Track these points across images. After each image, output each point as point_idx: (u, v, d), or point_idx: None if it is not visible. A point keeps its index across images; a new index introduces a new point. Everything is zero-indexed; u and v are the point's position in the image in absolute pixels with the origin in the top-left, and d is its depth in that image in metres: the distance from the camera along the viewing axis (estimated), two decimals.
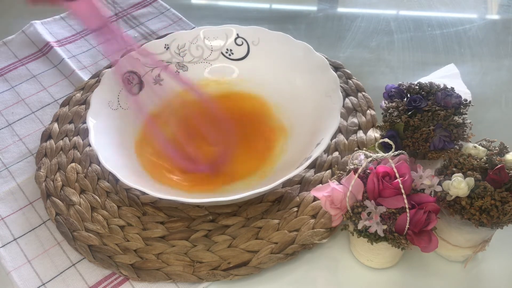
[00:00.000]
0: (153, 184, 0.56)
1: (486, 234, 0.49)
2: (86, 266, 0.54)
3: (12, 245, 0.56)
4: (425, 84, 0.55)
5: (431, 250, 0.45)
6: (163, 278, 0.52)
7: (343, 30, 0.83)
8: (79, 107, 0.69)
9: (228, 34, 0.68)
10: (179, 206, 0.57)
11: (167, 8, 0.87)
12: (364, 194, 0.46)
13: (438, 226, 0.46)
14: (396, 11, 0.88)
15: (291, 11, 0.91)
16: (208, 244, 0.54)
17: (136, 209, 0.57)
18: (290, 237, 0.53)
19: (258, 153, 0.61)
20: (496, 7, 0.89)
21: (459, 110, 0.53)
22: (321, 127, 0.57)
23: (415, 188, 0.46)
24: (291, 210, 0.56)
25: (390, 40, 0.80)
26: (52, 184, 0.60)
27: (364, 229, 0.46)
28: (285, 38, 0.65)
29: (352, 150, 0.62)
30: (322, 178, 0.59)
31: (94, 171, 0.61)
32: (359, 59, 0.77)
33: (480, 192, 0.44)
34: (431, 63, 0.75)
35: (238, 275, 0.51)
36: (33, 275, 0.53)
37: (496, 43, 0.79)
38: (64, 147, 0.64)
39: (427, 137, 0.51)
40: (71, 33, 0.82)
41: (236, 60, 0.68)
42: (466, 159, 0.47)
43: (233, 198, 0.50)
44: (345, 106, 0.67)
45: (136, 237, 0.55)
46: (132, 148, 0.59)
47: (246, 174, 0.59)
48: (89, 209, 0.57)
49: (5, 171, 0.63)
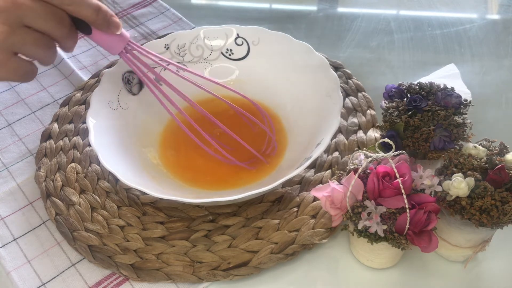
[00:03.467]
0: (153, 184, 0.56)
1: (486, 234, 0.49)
2: (86, 266, 0.54)
3: (12, 245, 0.56)
4: (425, 84, 0.55)
5: (431, 250, 0.45)
6: (163, 278, 0.52)
7: (343, 30, 0.83)
8: (79, 107, 0.69)
9: (228, 34, 0.68)
10: (179, 206, 0.57)
11: (167, 8, 0.87)
12: (364, 194, 0.46)
13: (438, 226, 0.46)
14: (396, 11, 0.88)
15: (291, 11, 0.91)
16: (208, 244, 0.54)
17: (136, 209, 0.57)
18: (290, 237, 0.53)
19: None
20: (496, 7, 0.89)
21: (459, 110, 0.53)
22: (321, 127, 0.57)
23: (415, 188, 0.46)
24: (291, 210, 0.56)
25: (390, 40, 0.80)
26: (52, 184, 0.60)
27: (364, 229, 0.46)
28: (285, 38, 0.65)
29: (352, 150, 0.62)
30: (322, 178, 0.59)
31: (94, 171, 0.61)
32: (359, 59, 0.77)
33: (480, 192, 0.44)
34: (431, 63, 0.75)
35: (238, 275, 0.51)
36: (33, 275, 0.53)
37: (496, 43, 0.79)
38: (64, 147, 0.64)
39: (427, 137, 0.51)
40: None
41: (236, 60, 0.68)
42: (466, 159, 0.47)
43: (233, 198, 0.50)
44: (345, 106, 0.67)
45: (136, 237, 0.55)
46: (133, 148, 0.59)
47: (246, 174, 0.59)
48: (89, 209, 0.57)
49: (5, 171, 0.63)
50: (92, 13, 0.44)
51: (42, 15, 0.41)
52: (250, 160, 0.59)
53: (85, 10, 0.43)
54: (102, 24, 0.46)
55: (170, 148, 0.61)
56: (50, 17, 0.42)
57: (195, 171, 0.60)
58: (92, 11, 0.44)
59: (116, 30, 0.48)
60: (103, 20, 0.45)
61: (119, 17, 0.85)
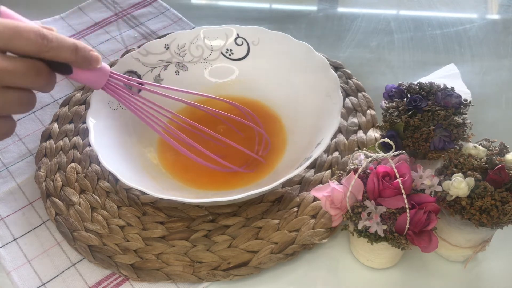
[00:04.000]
0: (153, 184, 0.56)
1: (486, 234, 0.49)
2: (86, 266, 0.54)
3: (12, 245, 0.56)
4: (425, 84, 0.55)
5: (431, 250, 0.45)
6: (163, 278, 0.52)
7: (343, 30, 0.83)
8: (79, 107, 0.69)
9: (228, 34, 0.68)
10: (179, 206, 0.57)
11: (167, 8, 0.87)
12: (364, 194, 0.46)
13: (438, 226, 0.46)
14: (396, 11, 0.88)
15: (291, 11, 0.91)
16: (208, 244, 0.54)
17: (136, 209, 0.57)
18: (290, 237, 0.53)
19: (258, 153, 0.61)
20: (496, 7, 0.89)
21: (459, 110, 0.53)
22: (321, 127, 0.57)
23: (415, 188, 0.46)
24: (291, 210, 0.56)
25: (390, 40, 0.80)
26: (52, 184, 0.60)
27: (364, 229, 0.46)
28: (285, 38, 0.65)
29: (352, 150, 0.62)
30: (322, 178, 0.59)
31: (94, 171, 0.61)
32: (359, 59, 0.77)
33: (480, 192, 0.44)
34: (431, 63, 0.75)
35: (238, 275, 0.51)
36: (33, 275, 0.53)
37: (496, 43, 0.79)
38: (64, 147, 0.64)
39: (427, 137, 0.51)
40: (71, 33, 0.82)
41: (236, 60, 0.68)
42: (466, 159, 0.47)
43: (233, 198, 0.50)
44: (345, 106, 0.67)
45: (136, 237, 0.55)
46: (133, 148, 0.59)
47: (246, 174, 0.59)
48: (89, 209, 0.57)
49: (5, 171, 0.63)
50: (71, 54, 0.42)
51: (19, 73, 0.40)
52: (246, 164, 0.59)
53: (63, 53, 0.41)
54: (83, 62, 0.44)
55: (170, 149, 0.61)
56: (28, 73, 0.40)
57: (195, 171, 0.60)
58: (70, 51, 0.42)
59: (97, 64, 0.45)
60: (83, 58, 0.43)
61: (119, 17, 0.85)
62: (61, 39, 0.41)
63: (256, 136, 0.61)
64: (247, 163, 0.59)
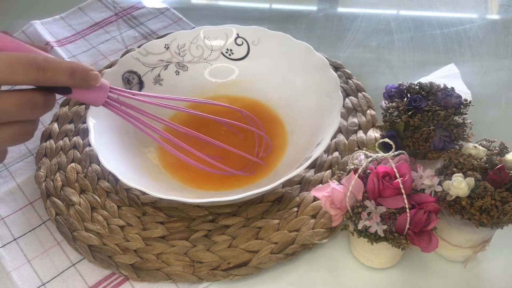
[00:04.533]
0: (153, 184, 0.56)
1: (486, 234, 0.49)
2: (86, 266, 0.54)
3: (12, 245, 0.56)
4: (425, 84, 0.55)
5: (431, 250, 0.45)
6: (163, 278, 0.52)
7: (343, 30, 0.83)
8: (79, 107, 0.69)
9: (228, 34, 0.68)
10: (179, 206, 0.57)
11: (167, 8, 0.87)
12: (364, 194, 0.46)
13: (438, 226, 0.46)
14: (396, 11, 0.88)
15: (291, 11, 0.91)
16: (208, 244, 0.54)
17: (136, 209, 0.57)
18: (290, 237, 0.53)
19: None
20: (496, 7, 0.89)
21: (459, 110, 0.53)
22: (321, 127, 0.57)
23: (415, 188, 0.46)
24: (291, 210, 0.56)
25: (390, 40, 0.81)
26: (52, 184, 0.60)
27: (364, 229, 0.46)
28: (285, 38, 0.65)
29: (352, 150, 0.62)
30: (322, 178, 0.59)
31: (94, 171, 0.61)
32: (359, 59, 0.77)
33: (480, 192, 0.44)
34: (431, 63, 0.75)
35: (238, 275, 0.51)
36: (33, 275, 0.53)
37: (496, 43, 0.79)
38: (64, 147, 0.64)
39: (427, 137, 0.51)
40: (71, 33, 0.82)
41: (236, 60, 0.68)
42: (466, 159, 0.47)
43: (233, 198, 0.50)
44: (345, 106, 0.67)
45: (136, 237, 0.55)
46: (133, 148, 0.59)
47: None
48: (89, 209, 0.57)
49: (5, 171, 0.63)
50: (68, 79, 0.41)
51: (15, 110, 0.39)
52: (247, 166, 0.59)
53: (60, 79, 0.40)
54: (82, 83, 0.42)
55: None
56: (25, 107, 0.39)
57: (195, 172, 0.59)
58: (67, 76, 0.40)
59: (96, 83, 0.44)
60: (81, 80, 0.42)
61: (119, 17, 0.85)
62: (57, 65, 0.40)
63: (256, 138, 0.61)
64: (248, 165, 0.59)
